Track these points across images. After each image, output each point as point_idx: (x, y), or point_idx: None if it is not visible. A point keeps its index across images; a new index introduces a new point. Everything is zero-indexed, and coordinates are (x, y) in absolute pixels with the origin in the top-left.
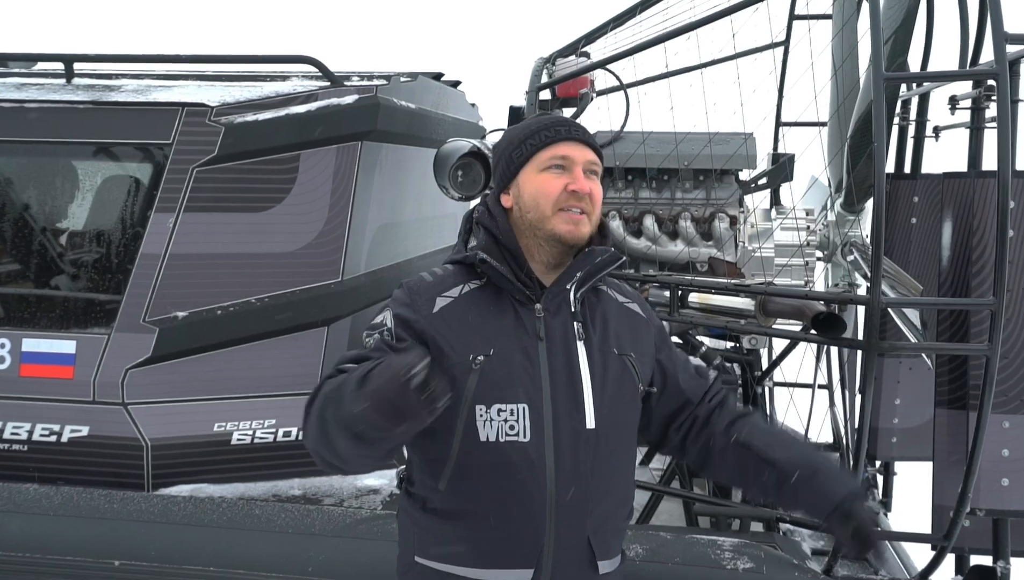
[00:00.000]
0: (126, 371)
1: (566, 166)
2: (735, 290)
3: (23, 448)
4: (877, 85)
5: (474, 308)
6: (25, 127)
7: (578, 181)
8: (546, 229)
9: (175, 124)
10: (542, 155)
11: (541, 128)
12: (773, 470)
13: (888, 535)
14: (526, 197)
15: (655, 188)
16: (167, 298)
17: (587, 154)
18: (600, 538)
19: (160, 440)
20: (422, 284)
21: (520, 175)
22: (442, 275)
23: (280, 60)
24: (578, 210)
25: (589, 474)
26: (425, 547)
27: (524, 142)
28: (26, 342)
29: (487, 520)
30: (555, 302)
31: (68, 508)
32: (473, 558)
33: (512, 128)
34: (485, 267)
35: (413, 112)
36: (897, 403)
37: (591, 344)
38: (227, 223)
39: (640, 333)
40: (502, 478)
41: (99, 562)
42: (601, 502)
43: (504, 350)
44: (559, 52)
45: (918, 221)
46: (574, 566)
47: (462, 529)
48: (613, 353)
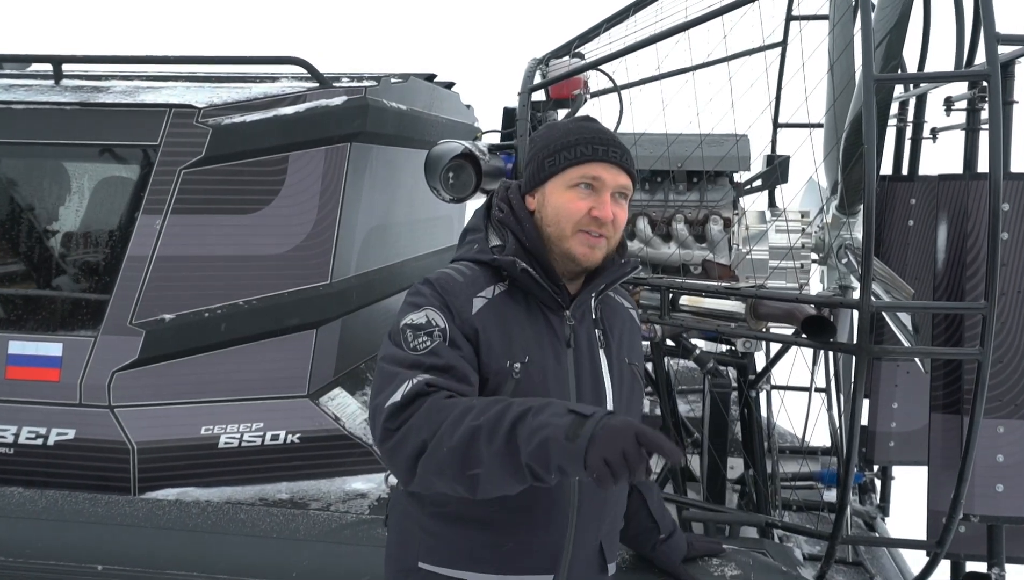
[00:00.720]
0: (113, 374)
1: (596, 188)
2: (725, 293)
3: (9, 451)
4: (868, 86)
5: (508, 312)
6: (13, 128)
7: (603, 208)
8: (563, 246)
9: (162, 125)
10: (573, 172)
11: (580, 141)
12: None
13: (881, 542)
14: (549, 210)
15: (648, 190)
16: (154, 300)
17: (620, 178)
18: (609, 542)
19: (146, 443)
20: (454, 283)
21: (548, 184)
22: (471, 275)
23: (269, 61)
24: (597, 233)
25: None
26: (432, 552)
27: (559, 152)
28: (12, 344)
29: (510, 526)
30: (580, 309)
31: (52, 512)
32: (492, 564)
33: (554, 127)
34: (522, 275)
35: (404, 113)
36: (895, 407)
37: (610, 352)
38: (215, 225)
39: (636, 340)
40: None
41: (82, 567)
42: (613, 507)
43: (538, 357)
44: (552, 53)
45: (915, 224)
46: (587, 570)
47: (482, 534)
48: (625, 361)
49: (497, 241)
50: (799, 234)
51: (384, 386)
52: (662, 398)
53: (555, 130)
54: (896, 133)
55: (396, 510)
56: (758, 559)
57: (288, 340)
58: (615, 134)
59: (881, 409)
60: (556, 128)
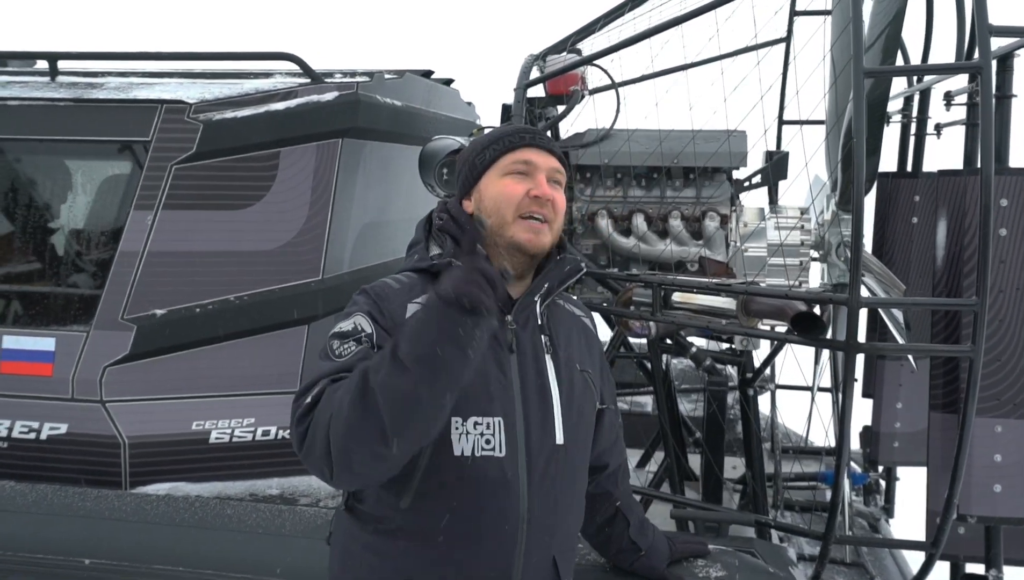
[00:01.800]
0: (104, 369)
1: (529, 172)
2: (716, 289)
3: (3, 445)
4: (857, 81)
5: None
6: (8, 125)
7: (540, 186)
8: (506, 236)
9: (154, 121)
10: (505, 160)
11: (505, 134)
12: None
13: (875, 542)
14: (487, 202)
15: (644, 186)
16: (145, 296)
17: (551, 161)
18: (563, 557)
19: (138, 438)
20: (388, 290)
21: (482, 180)
22: (408, 282)
23: (260, 57)
24: (540, 217)
25: (558, 491)
26: (375, 571)
27: (488, 148)
28: (6, 339)
29: (457, 539)
30: (524, 314)
31: (41, 506)
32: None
33: (477, 138)
34: None
35: (399, 109)
36: (899, 407)
37: (558, 358)
38: (206, 221)
39: (593, 350)
40: (474, 495)
41: (69, 560)
42: (566, 520)
43: (479, 362)
44: (550, 49)
45: (919, 221)
46: None
47: (427, 549)
48: (576, 368)
49: (437, 249)
50: (798, 231)
51: (298, 395)
52: (659, 396)
53: (480, 138)
54: (901, 129)
55: (339, 528)
56: (744, 559)
57: (280, 336)
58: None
59: (885, 410)
60: (481, 136)
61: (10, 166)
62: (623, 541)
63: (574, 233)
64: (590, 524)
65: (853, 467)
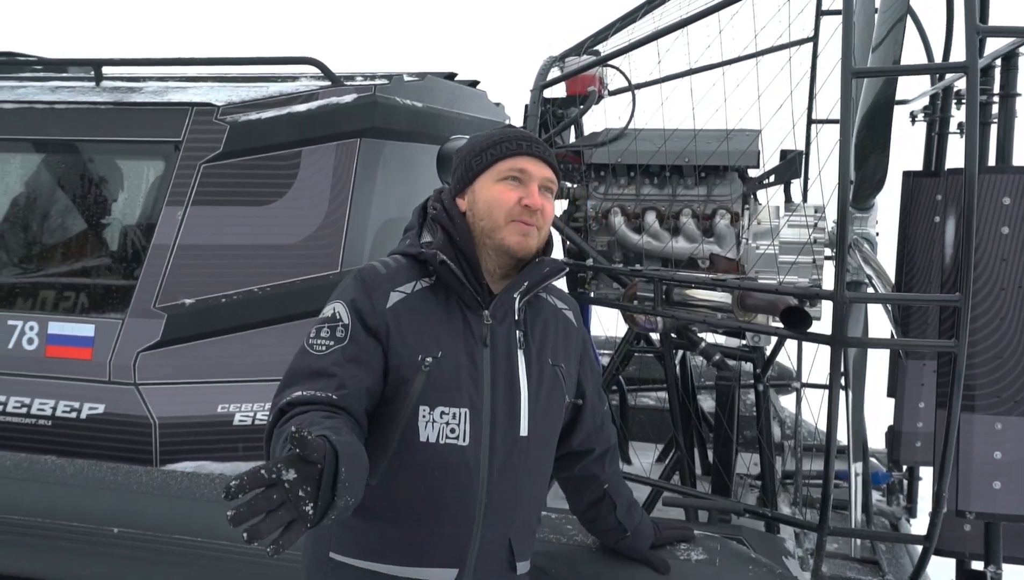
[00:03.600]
0: (138, 354)
1: (523, 180)
2: (712, 285)
3: (48, 423)
4: (845, 81)
5: (425, 307)
6: (55, 127)
7: (532, 196)
8: (496, 238)
9: (185, 123)
10: (501, 165)
11: (504, 139)
12: (615, 525)
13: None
14: (480, 204)
15: (657, 184)
16: (176, 286)
17: (545, 171)
18: (520, 540)
19: (167, 419)
20: (376, 275)
21: (477, 182)
22: (395, 267)
23: (283, 61)
24: (527, 223)
25: (518, 480)
26: (343, 543)
27: (485, 151)
28: (52, 325)
29: (417, 519)
30: (502, 310)
31: (78, 479)
32: (399, 555)
33: (476, 136)
34: (441, 268)
35: (419, 110)
36: (921, 407)
37: (530, 353)
38: (232, 216)
39: (571, 344)
40: (437, 478)
41: (100, 528)
42: (525, 506)
43: (451, 353)
44: (568, 51)
45: (941, 219)
46: (495, 567)
47: (390, 526)
48: (548, 363)
49: (428, 237)
50: (810, 229)
51: (279, 387)
52: (670, 390)
53: (479, 137)
54: (927, 127)
55: None
56: (728, 545)
57: (300, 325)
58: (531, 133)
59: (907, 409)
60: (481, 135)
61: (57, 165)
62: (609, 521)
63: (588, 230)
64: (579, 503)
65: (876, 466)
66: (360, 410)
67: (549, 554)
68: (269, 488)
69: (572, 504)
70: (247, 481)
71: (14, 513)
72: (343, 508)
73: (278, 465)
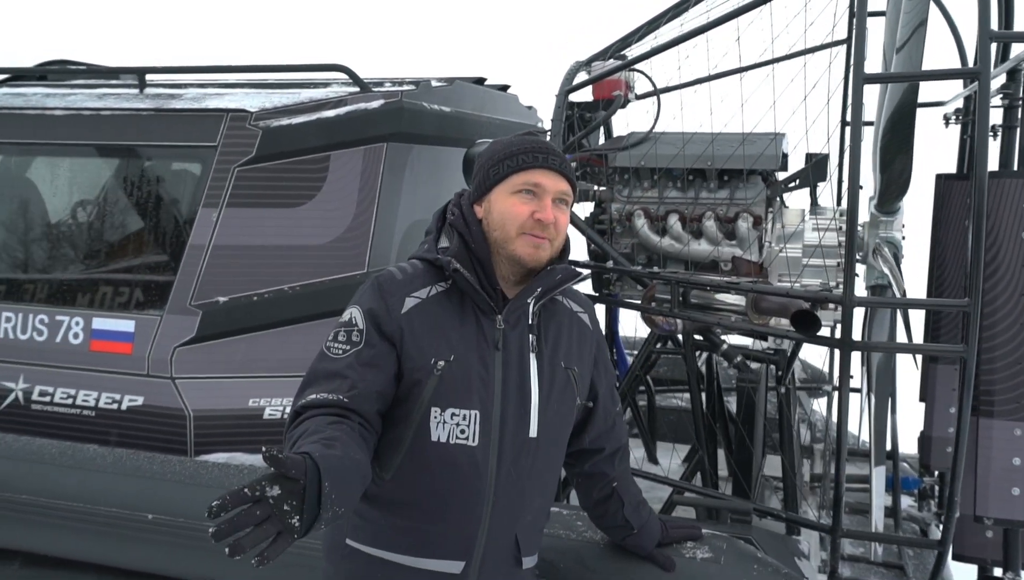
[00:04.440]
0: (174, 349)
1: (537, 193)
2: (726, 287)
3: (91, 414)
4: (857, 87)
5: (440, 312)
6: (100, 131)
7: (545, 211)
8: (508, 249)
9: (220, 128)
10: (516, 178)
11: (521, 151)
12: (623, 523)
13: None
14: (495, 215)
15: (681, 188)
16: (211, 284)
17: (560, 184)
18: (526, 537)
19: (201, 412)
20: (392, 281)
21: (493, 192)
22: (412, 273)
23: (315, 68)
24: (539, 236)
25: (526, 479)
26: (358, 532)
27: (502, 161)
28: (96, 321)
29: (427, 513)
30: (515, 315)
31: (116, 467)
32: (409, 546)
33: (498, 141)
34: (456, 275)
35: (446, 115)
36: (952, 411)
37: (542, 357)
38: (264, 217)
39: (584, 346)
40: (446, 476)
41: (135, 514)
42: (532, 505)
43: (464, 357)
44: (595, 55)
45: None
46: (501, 561)
47: (401, 519)
48: (560, 366)
49: (446, 242)
50: (835, 232)
51: (300, 387)
52: (692, 393)
53: (499, 144)
54: (960, 130)
55: None
56: (734, 544)
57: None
58: (554, 145)
59: (938, 413)
60: (501, 142)
61: (102, 169)
62: (617, 518)
63: (612, 232)
64: (588, 500)
65: (907, 471)
66: (371, 411)
67: (559, 549)
68: (254, 505)
69: (582, 500)
70: (229, 500)
71: (57, 498)
72: (331, 519)
73: (262, 483)
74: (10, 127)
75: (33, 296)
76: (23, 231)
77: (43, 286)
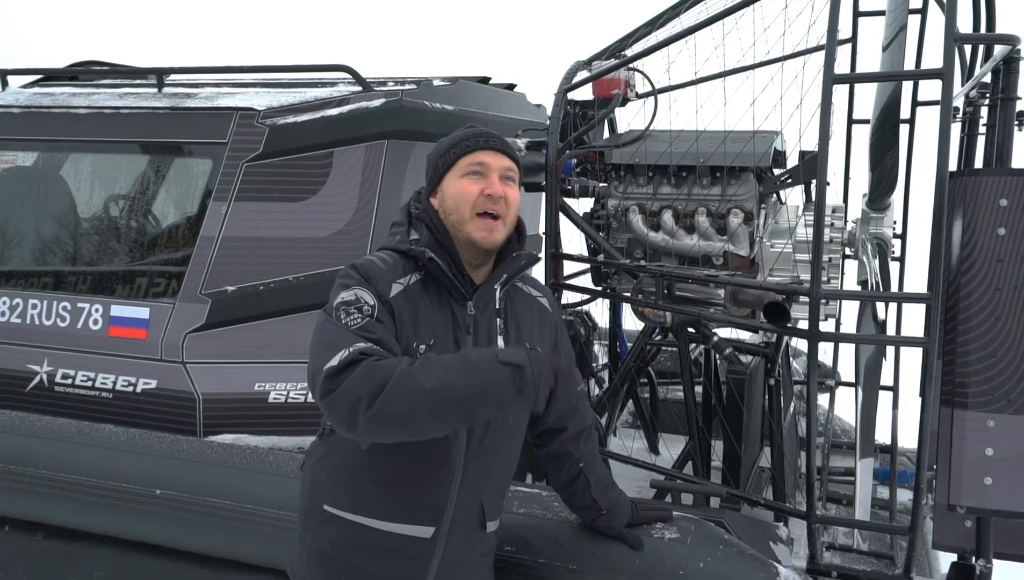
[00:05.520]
0: (185, 335)
1: (483, 172)
2: (705, 281)
3: (109, 396)
4: (826, 88)
5: (420, 298)
6: (121, 129)
7: (493, 185)
8: (464, 232)
9: (230, 126)
10: (462, 162)
11: (463, 138)
12: (591, 503)
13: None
14: (448, 200)
15: (675, 184)
16: (220, 274)
17: (503, 161)
18: (490, 503)
19: (210, 395)
20: (376, 269)
21: (444, 180)
22: (392, 263)
23: (320, 69)
24: (494, 214)
25: (492, 452)
26: (336, 498)
27: (448, 151)
28: (114, 308)
29: (403, 482)
30: (483, 300)
31: (129, 445)
32: (384, 512)
33: (442, 139)
34: (430, 264)
35: (449, 113)
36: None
37: (509, 338)
38: (270, 211)
39: (545, 328)
40: (422, 449)
41: (145, 489)
42: (497, 476)
43: (441, 341)
44: (596, 55)
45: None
46: (468, 525)
47: (378, 487)
48: (525, 346)
49: (416, 235)
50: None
51: (322, 350)
52: (685, 382)
53: (443, 139)
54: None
55: (311, 458)
56: (703, 526)
57: None
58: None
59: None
60: (444, 138)
61: (121, 165)
62: (586, 499)
63: (610, 227)
64: (557, 481)
65: (906, 464)
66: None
67: (535, 528)
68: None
69: (552, 482)
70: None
71: (73, 473)
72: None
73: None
74: (38, 125)
75: (57, 284)
76: (50, 224)
77: (66, 275)
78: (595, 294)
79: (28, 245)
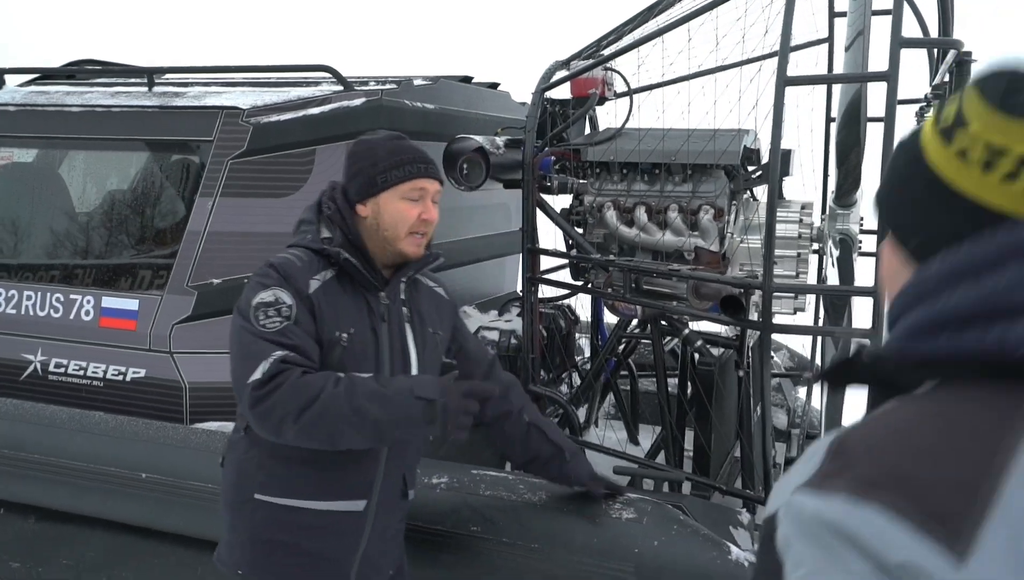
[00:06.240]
0: (173, 326)
1: (421, 198)
2: (668, 274)
3: (100, 384)
4: (779, 89)
5: (336, 292)
6: (112, 126)
7: (429, 211)
8: (396, 247)
9: (216, 124)
10: (405, 186)
11: (406, 161)
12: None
13: None
14: (386, 217)
15: (648, 181)
16: (206, 267)
17: (436, 186)
18: (410, 474)
19: (196, 384)
20: (293, 267)
21: (382, 196)
22: (307, 260)
23: (302, 69)
24: (421, 233)
25: None
26: (267, 486)
27: (391, 170)
28: (105, 299)
29: (335, 462)
30: (393, 292)
31: (117, 432)
32: (317, 492)
33: (375, 146)
34: (345, 264)
35: (430, 112)
36: None
37: (415, 325)
38: (254, 206)
39: (443, 313)
40: None
41: (132, 473)
42: (413, 448)
43: (360, 329)
44: (574, 55)
45: None
46: (393, 496)
47: (310, 470)
48: (429, 331)
49: (327, 233)
50: (796, 225)
51: (243, 360)
52: (658, 373)
53: (379, 149)
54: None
55: (235, 452)
56: (659, 507)
57: None
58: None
59: None
60: (378, 147)
61: (112, 161)
62: (545, 450)
63: (587, 223)
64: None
65: None
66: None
67: (500, 508)
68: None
69: (511, 456)
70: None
71: (63, 457)
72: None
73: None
74: (33, 122)
75: (50, 276)
76: (44, 219)
77: (59, 268)
78: (569, 289)
79: (23, 239)
